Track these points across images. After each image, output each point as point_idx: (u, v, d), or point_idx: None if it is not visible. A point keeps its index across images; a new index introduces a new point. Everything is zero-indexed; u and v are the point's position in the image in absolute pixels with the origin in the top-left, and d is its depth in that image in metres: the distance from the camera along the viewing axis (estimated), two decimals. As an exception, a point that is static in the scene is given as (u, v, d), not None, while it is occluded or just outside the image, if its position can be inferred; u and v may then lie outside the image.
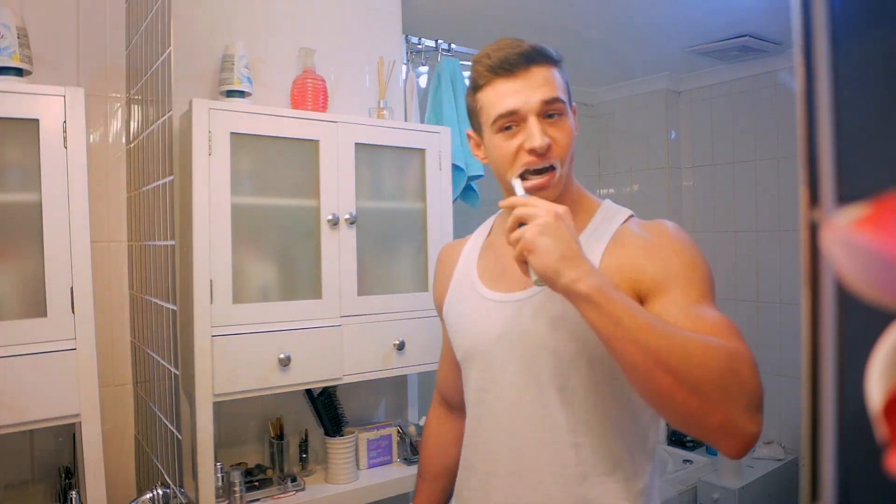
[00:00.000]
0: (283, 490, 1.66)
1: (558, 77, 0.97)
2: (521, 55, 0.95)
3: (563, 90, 0.97)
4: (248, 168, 1.60)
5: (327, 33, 1.92)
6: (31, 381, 1.27)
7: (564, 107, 0.96)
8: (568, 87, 0.99)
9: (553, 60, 0.98)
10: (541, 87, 0.94)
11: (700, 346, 0.77)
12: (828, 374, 0.36)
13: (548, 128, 0.95)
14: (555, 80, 0.96)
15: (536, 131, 0.93)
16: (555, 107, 0.95)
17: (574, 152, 1.00)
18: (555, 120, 0.96)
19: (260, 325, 1.55)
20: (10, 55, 1.38)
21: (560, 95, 0.96)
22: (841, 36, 0.35)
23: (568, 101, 0.99)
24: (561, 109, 0.96)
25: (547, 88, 0.95)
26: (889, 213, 0.28)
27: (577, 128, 1.01)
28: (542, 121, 0.95)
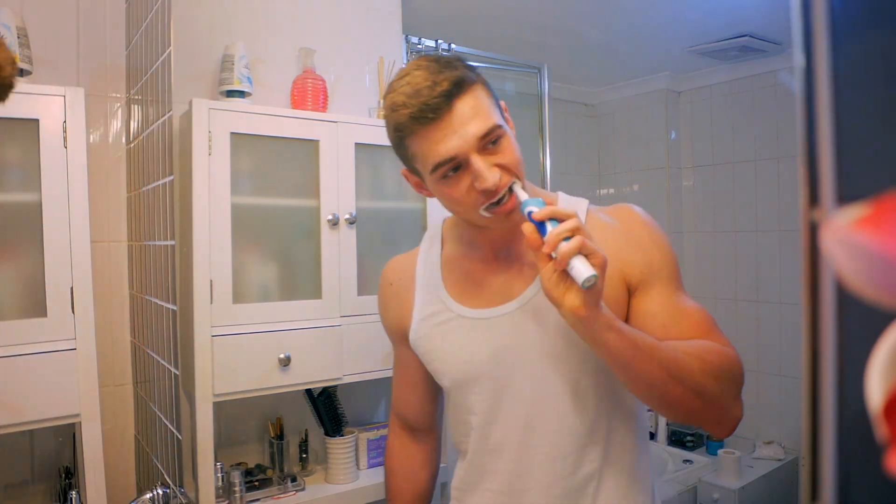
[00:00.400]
0: (283, 490, 1.66)
1: (483, 97, 0.89)
2: (441, 96, 0.85)
3: (493, 110, 0.90)
4: (248, 168, 1.60)
5: (327, 33, 1.92)
6: (31, 381, 1.27)
7: (501, 129, 0.89)
8: (495, 98, 0.92)
9: (472, 81, 0.89)
10: (472, 122, 0.86)
11: (696, 354, 0.86)
12: (828, 374, 0.36)
13: (492, 158, 0.88)
14: (483, 105, 0.88)
15: (483, 171, 0.86)
16: (493, 134, 0.88)
17: None
18: (496, 146, 0.88)
19: (260, 325, 1.55)
20: (10, 55, 1.38)
21: (494, 121, 0.88)
22: (841, 36, 0.35)
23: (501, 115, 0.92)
24: (499, 133, 0.88)
25: (478, 120, 0.87)
26: (889, 213, 0.28)
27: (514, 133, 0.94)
28: (485, 154, 0.87)
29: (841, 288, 0.35)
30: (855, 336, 0.35)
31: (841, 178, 0.35)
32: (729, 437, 0.89)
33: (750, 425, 3.09)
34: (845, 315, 0.35)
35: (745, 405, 0.97)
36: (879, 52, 0.35)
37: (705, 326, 0.93)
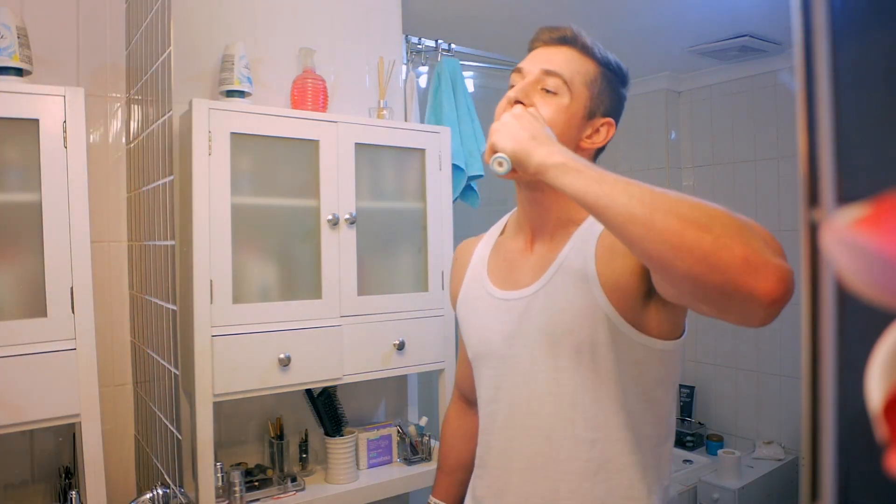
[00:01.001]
0: (283, 490, 1.66)
1: (582, 65, 0.98)
2: (557, 34, 1.00)
3: (573, 73, 0.97)
4: (248, 168, 1.60)
5: (327, 33, 1.92)
6: (31, 381, 1.27)
7: (563, 86, 0.96)
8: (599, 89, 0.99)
9: (591, 54, 0.99)
10: (552, 60, 0.97)
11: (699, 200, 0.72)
12: (828, 374, 0.36)
13: (538, 96, 0.96)
14: (572, 62, 0.98)
15: (519, 86, 0.97)
16: (550, 81, 0.96)
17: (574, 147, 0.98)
18: (549, 95, 0.96)
19: (260, 325, 1.55)
20: (10, 55, 1.38)
21: (562, 71, 0.96)
22: (841, 36, 0.35)
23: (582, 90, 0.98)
24: (556, 86, 0.96)
25: (556, 62, 0.97)
26: (889, 213, 0.28)
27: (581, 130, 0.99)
28: (537, 88, 0.97)
29: (841, 288, 0.35)
30: (855, 336, 0.35)
31: (841, 178, 0.35)
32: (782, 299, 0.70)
33: (750, 425, 3.09)
34: (845, 315, 0.35)
35: (746, 405, 0.92)
36: (879, 51, 0.35)
37: None
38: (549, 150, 0.80)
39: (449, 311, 1.89)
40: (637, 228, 0.71)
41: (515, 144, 0.82)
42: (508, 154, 0.82)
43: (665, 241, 0.70)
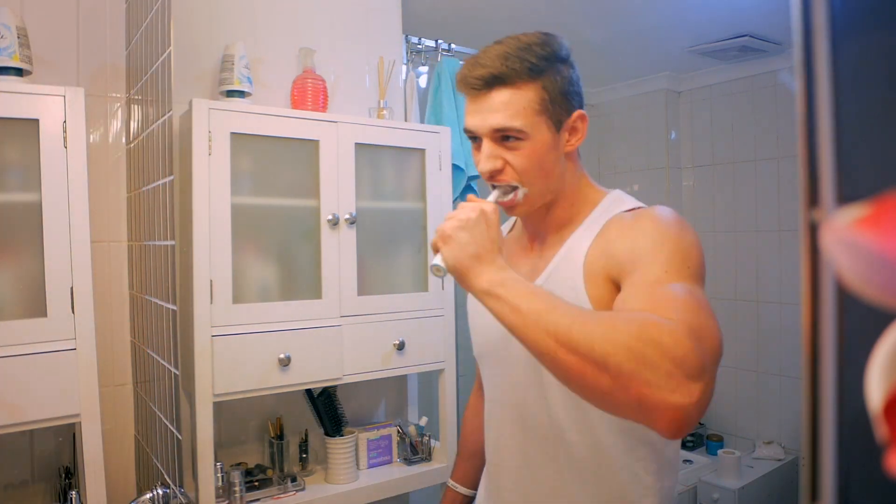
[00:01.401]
0: (283, 490, 1.66)
1: (523, 98, 0.92)
2: (481, 79, 0.93)
3: (522, 114, 0.92)
4: (248, 168, 1.60)
5: (327, 33, 1.92)
6: (31, 381, 1.27)
7: (521, 133, 0.93)
8: (551, 101, 0.94)
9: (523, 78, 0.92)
10: (495, 113, 0.93)
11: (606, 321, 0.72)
12: (828, 374, 0.36)
13: (503, 151, 0.95)
14: (514, 104, 0.92)
15: (483, 156, 0.95)
16: (508, 133, 0.93)
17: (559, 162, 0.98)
18: (511, 143, 0.94)
19: (260, 325, 1.55)
20: (10, 55, 1.38)
21: (513, 124, 0.92)
22: (841, 36, 0.35)
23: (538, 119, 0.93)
24: (515, 135, 0.93)
25: (501, 115, 0.92)
26: (889, 213, 0.28)
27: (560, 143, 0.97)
28: (497, 144, 0.95)
29: (841, 288, 0.35)
30: (855, 336, 0.35)
31: (841, 178, 0.35)
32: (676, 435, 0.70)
33: (750, 425, 3.09)
34: (845, 315, 0.35)
35: (746, 405, 0.90)
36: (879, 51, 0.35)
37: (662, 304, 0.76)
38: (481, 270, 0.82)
39: (449, 311, 1.89)
40: (545, 362, 0.75)
41: (456, 262, 0.83)
42: (448, 268, 0.85)
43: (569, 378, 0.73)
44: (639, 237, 0.89)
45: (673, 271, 0.83)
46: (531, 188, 0.96)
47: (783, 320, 2.93)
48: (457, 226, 0.85)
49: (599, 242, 0.95)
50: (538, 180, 0.97)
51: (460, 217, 0.86)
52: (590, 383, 0.70)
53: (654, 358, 0.67)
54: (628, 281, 0.85)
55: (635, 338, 0.68)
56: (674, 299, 0.76)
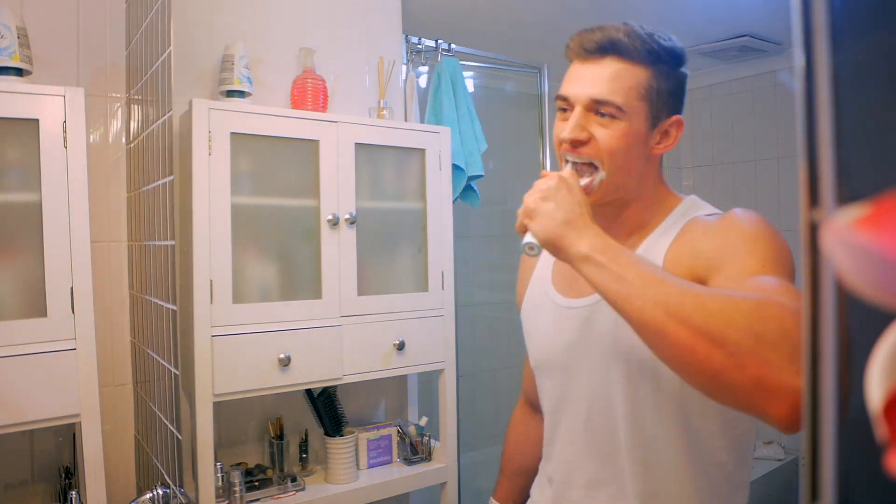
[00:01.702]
0: (283, 490, 1.66)
1: (632, 77, 0.89)
2: (598, 42, 0.90)
3: (626, 92, 0.88)
4: (248, 168, 1.60)
5: (327, 33, 1.92)
6: (31, 381, 1.27)
7: (617, 111, 0.88)
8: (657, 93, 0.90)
9: (638, 58, 0.89)
10: (600, 83, 0.89)
11: (723, 295, 0.67)
12: (828, 374, 0.36)
13: (594, 124, 0.89)
14: (621, 80, 0.88)
15: (571, 123, 0.89)
16: (605, 108, 0.88)
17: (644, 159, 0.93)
18: (605, 120, 0.89)
19: (260, 325, 1.55)
20: (10, 55, 1.38)
21: (613, 99, 0.88)
22: (841, 36, 0.35)
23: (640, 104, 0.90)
24: (612, 112, 0.88)
25: (605, 86, 0.88)
26: (889, 213, 0.28)
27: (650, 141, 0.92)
28: (590, 115, 0.90)
29: (841, 288, 0.35)
30: (855, 336, 0.35)
31: (841, 178, 0.35)
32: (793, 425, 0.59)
33: (750, 425, 3.09)
34: (845, 315, 0.35)
35: None
36: (880, 51, 0.35)
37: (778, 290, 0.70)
38: (577, 237, 0.76)
39: (449, 311, 1.89)
40: (649, 335, 0.69)
41: (547, 233, 0.79)
42: (540, 241, 0.80)
43: (675, 355, 0.66)
44: (729, 234, 0.85)
45: (769, 267, 0.77)
46: (609, 175, 0.90)
47: (783, 320, 2.93)
48: (538, 197, 0.81)
49: (680, 244, 0.90)
50: (619, 169, 0.90)
51: (540, 188, 0.81)
52: (700, 360, 0.63)
53: (776, 337, 0.61)
54: (720, 275, 0.80)
55: (756, 315, 0.63)
56: (780, 286, 0.71)
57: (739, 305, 0.64)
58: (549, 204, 0.80)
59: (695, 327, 0.64)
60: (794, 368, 0.60)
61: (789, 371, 0.60)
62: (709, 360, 0.63)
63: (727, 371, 0.62)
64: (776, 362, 0.60)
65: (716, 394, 0.67)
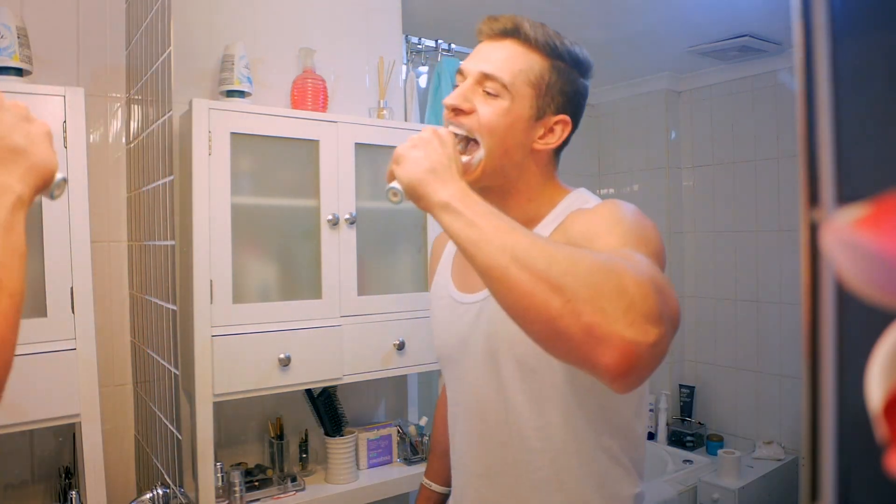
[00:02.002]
0: (283, 490, 1.66)
1: (525, 62, 0.91)
2: (500, 23, 0.93)
3: (515, 74, 0.90)
4: (248, 168, 1.60)
5: (327, 33, 1.92)
6: (31, 381, 1.27)
7: (502, 89, 0.90)
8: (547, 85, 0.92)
9: (537, 47, 0.92)
10: (492, 60, 0.91)
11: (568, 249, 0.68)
12: (828, 374, 0.36)
13: (479, 98, 0.91)
14: (513, 61, 0.91)
15: (457, 92, 0.92)
16: (489, 84, 0.91)
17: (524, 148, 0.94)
18: (488, 98, 0.91)
19: (260, 325, 1.55)
20: (10, 55, 1.38)
21: (500, 76, 0.90)
22: (841, 36, 0.35)
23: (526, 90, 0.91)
24: (496, 89, 0.90)
25: (496, 63, 0.91)
26: (889, 213, 0.28)
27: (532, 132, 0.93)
28: (478, 90, 0.92)
29: (841, 288, 0.35)
30: (855, 336, 0.35)
31: (841, 178, 0.35)
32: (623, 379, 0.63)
33: (750, 425, 3.09)
34: (845, 315, 0.35)
35: (746, 405, 0.88)
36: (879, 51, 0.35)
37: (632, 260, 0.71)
38: (440, 185, 0.77)
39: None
40: (493, 280, 0.69)
41: (411, 176, 0.79)
42: (403, 186, 0.80)
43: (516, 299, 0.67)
44: (595, 219, 0.87)
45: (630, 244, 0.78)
46: (488, 155, 0.91)
47: (783, 320, 2.93)
48: (409, 146, 0.82)
49: (557, 234, 0.92)
50: (496, 150, 0.92)
51: (412, 138, 0.83)
52: (538, 305, 0.65)
53: (612, 291, 0.63)
54: None
55: (597, 268, 0.65)
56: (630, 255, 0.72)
57: (583, 258, 0.66)
58: (418, 152, 0.81)
59: (537, 273, 0.65)
60: (627, 321, 0.62)
61: (622, 322, 0.62)
62: (546, 305, 0.64)
63: (563, 317, 0.63)
64: (609, 312, 0.62)
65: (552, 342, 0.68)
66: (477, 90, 0.92)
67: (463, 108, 0.91)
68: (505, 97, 0.91)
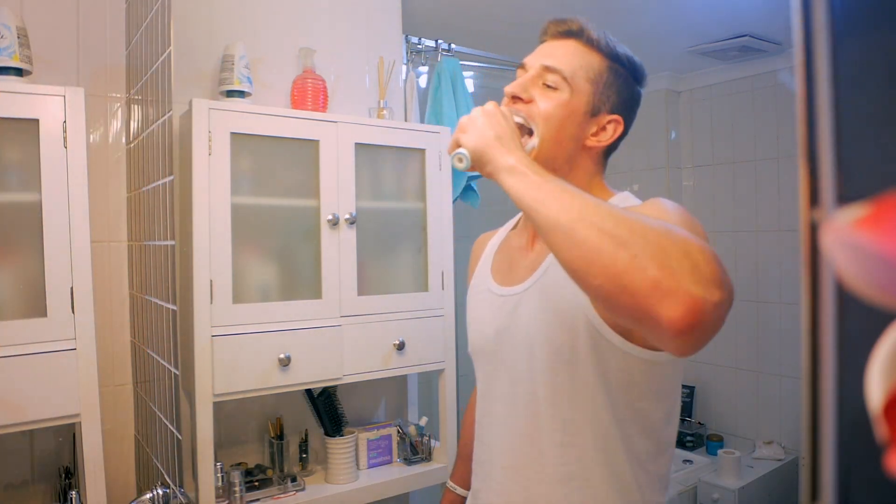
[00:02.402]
0: (283, 490, 1.66)
1: (585, 59, 0.96)
2: (563, 25, 0.98)
3: (575, 68, 0.95)
4: (248, 168, 1.60)
5: (327, 33, 1.92)
6: (31, 381, 1.27)
7: (562, 81, 0.94)
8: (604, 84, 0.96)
9: (597, 46, 0.97)
10: (555, 55, 0.96)
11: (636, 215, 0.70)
12: (828, 374, 0.36)
13: (538, 91, 0.95)
14: (574, 57, 0.96)
15: (518, 81, 0.96)
16: (550, 77, 0.95)
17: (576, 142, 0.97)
18: (547, 91, 0.95)
19: (260, 325, 1.55)
20: (10, 55, 1.38)
21: (562, 67, 0.94)
22: (841, 36, 0.35)
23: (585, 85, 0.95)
24: (556, 82, 0.94)
25: (558, 58, 0.95)
26: (889, 213, 0.28)
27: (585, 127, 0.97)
28: (538, 83, 0.96)
29: (841, 288, 0.35)
30: (855, 336, 0.35)
31: (841, 178, 0.35)
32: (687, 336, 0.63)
33: (750, 425, 3.09)
34: (845, 315, 0.35)
35: (746, 405, 0.89)
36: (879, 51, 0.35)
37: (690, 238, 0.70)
38: (506, 151, 0.80)
39: (449, 311, 1.89)
40: (559, 236, 0.71)
41: (478, 142, 0.82)
42: (470, 151, 0.83)
43: (582, 254, 0.68)
44: (646, 210, 0.87)
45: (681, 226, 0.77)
46: (542, 144, 0.94)
47: (783, 320, 2.93)
48: (474, 115, 0.86)
49: None
50: (550, 140, 0.94)
51: (476, 109, 0.87)
52: (605, 260, 0.66)
53: (681, 252, 0.65)
54: None
55: (664, 232, 0.67)
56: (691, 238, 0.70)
57: (649, 222, 0.68)
58: (483, 120, 0.84)
59: (604, 230, 0.67)
60: (694, 278, 0.63)
61: (688, 279, 0.63)
62: (613, 259, 0.66)
63: (629, 272, 0.65)
64: (676, 269, 0.63)
65: (615, 297, 0.67)
66: (536, 83, 0.96)
67: (522, 96, 0.95)
68: (564, 90, 0.95)
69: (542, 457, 0.96)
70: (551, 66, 0.95)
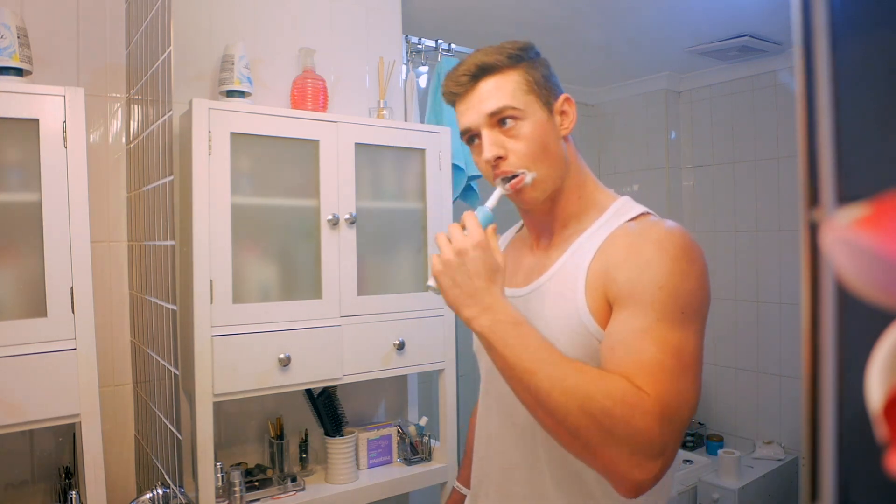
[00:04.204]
0: (283, 490, 1.66)
1: (510, 81, 0.96)
2: (466, 73, 0.97)
3: (513, 95, 0.95)
4: (248, 168, 1.60)
5: (327, 33, 1.92)
6: (31, 381, 1.27)
7: (516, 111, 0.94)
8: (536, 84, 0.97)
9: (505, 65, 0.96)
10: (487, 100, 0.95)
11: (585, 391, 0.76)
12: (828, 374, 0.36)
13: (504, 138, 0.95)
14: (504, 88, 0.95)
15: (485, 145, 0.95)
16: (504, 114, 0.94)
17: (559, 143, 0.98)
18: (508, 128, 0.95)
19: (260, 325, 1.55)
20: (10, 55, 1.38)
21: (506, 102, 0.94)
22: (841, 36, 0.35)
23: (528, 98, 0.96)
24: (512, 115, 0.94)
25: (494, 99, 0.95)
26: (889, 213, 0.28)
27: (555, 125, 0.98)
28: (497, 131, 0.96)
29: (841, 288, 0.35)
30: (855, 336, 0.35)
31: (841, 178, 0.35)
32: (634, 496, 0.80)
33: (750, 425, 3.09)
34: (845, 315, 0.35)
35: (746, 405, 0.90)
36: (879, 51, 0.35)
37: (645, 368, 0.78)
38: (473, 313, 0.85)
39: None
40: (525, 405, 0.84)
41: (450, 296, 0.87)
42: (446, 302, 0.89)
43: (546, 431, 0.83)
44: (641, 268, 0.86)
45: (667, 320, 0.82)
46: (539, 172, 0.96)
47: (783, 320, 2.93)
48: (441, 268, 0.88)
49: (602, 257, 0.92)
50: (543, 163, 0.96)
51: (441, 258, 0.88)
52: (563, 443, 0.81)
53: (622, 437, 0.75)
54: (621, 314, 0.85)
55: (608, 414, 0.75)
56: (658, 365, 0.79)
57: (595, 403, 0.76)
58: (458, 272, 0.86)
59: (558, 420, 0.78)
60: (634, 461, 0.75)
61: (628, 464, 0.75)
62: (570, 445, 0.80)
63: (583, 456, 0.80)
64: (618, 459, 0.75)
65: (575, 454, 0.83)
66: (496, 133, 0.96)
67: (501, 154, 0.95)
68: (523, 118, 0.95)
69: (542, 458, 0.97)
70: (497, 108, 0.94)
